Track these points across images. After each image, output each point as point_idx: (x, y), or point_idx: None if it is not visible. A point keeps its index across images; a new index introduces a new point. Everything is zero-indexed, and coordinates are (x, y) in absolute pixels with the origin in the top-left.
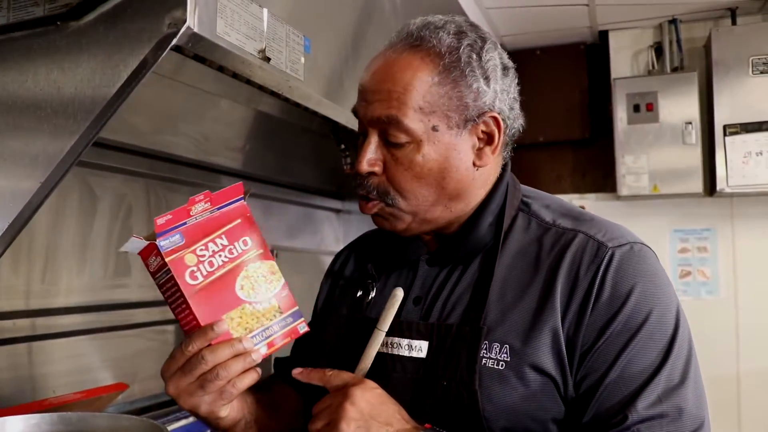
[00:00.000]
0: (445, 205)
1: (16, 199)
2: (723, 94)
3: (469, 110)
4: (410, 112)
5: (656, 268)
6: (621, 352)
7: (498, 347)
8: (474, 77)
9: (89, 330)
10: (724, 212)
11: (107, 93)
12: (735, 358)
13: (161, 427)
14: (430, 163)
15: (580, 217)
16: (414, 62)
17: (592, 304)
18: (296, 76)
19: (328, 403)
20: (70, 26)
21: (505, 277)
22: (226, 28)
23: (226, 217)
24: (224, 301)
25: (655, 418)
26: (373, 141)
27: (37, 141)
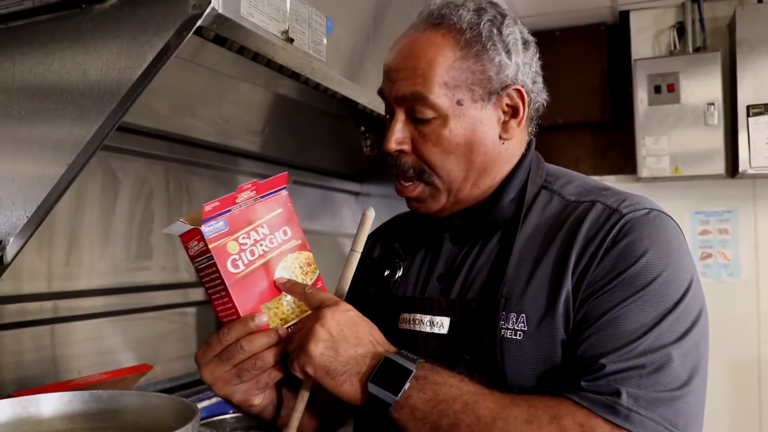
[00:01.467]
0: (474, 182)
1: (42, 182)
2: (747, 74)
3: (493, 83)
4: (435, 87)
5: (673, 234)
6: (618, 304)
7: (515, 317)
8: (495, 51)
9: (111, 312)
10: (746, 194)
11: (133, 75)
12: (756, 341)
13: (191, 405)
14: (458, 137)
15: (602, 191)
16: (436, 39)
17: (600, 258)
18: (319, 57)
19: (301, 325)
20: (94, 9)
21: (522, 251)
22: (250, 8)
23: (268, 206)
24: (263, 290)
25: (633, 369)
26: (400, 120)
27: (63, 124)
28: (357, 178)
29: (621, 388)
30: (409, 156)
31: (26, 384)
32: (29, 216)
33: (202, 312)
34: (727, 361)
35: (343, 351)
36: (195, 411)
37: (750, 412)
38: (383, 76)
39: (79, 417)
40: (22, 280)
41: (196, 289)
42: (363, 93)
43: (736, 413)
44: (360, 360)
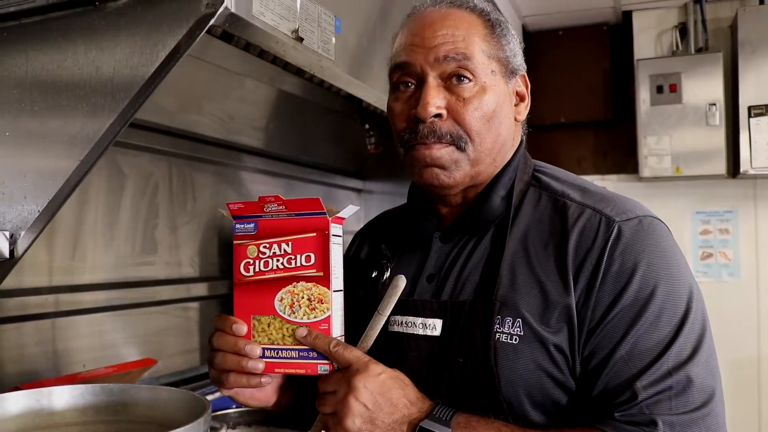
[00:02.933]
0: (493, 158)
1: (54, 177)
2: (748, 75)
3: (511, 64)
4: (476, 52)
5: (665, 242)
6: (630, 328)
7: (511, 321)
8: (512, 37)
9: (115, 306)
10: (747, 194)
11: (146, 72)
12: (756, 340)
13: (202, 399)
14: (492, 105)
15: (589, 190)
16: (465, 15)
17: (600, 279)
18: (327, 56)
19: (333, 388)
20: (108, 6)
21: (515, 252)
22: (261, 8)
23: (302, 226)
24: (259, 303)
25: (663, 392)
26: (435, 84)
27: (76, 120)
28: (359, 175)
29: (656, 417)
30: (445, 122)
31: (30, 377)
32: (41, 210)
33: (204, 307)
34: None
35: (380, 422)
36: (206, 405)
37: (750, 411)
38: (408, 48)
39: (91, 409)
40: (27, 274)
41: (199, 284)
42: (370, 91)
43: (737, 412)
44: (397, 428)
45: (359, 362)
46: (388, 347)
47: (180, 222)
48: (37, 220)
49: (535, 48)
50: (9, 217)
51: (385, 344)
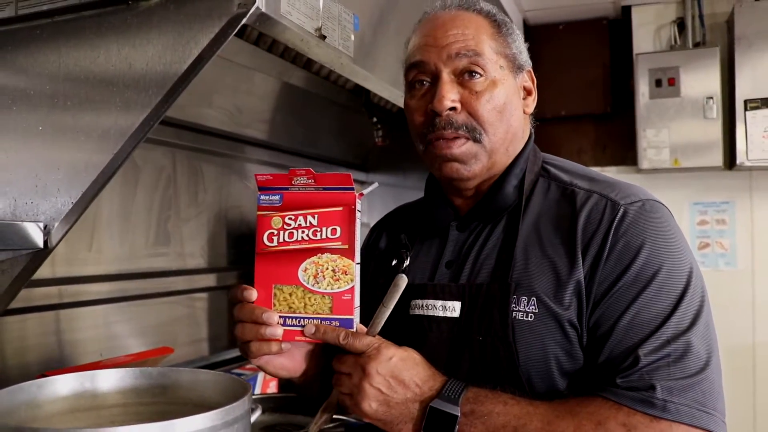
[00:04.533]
0: (506, 148)
1: (88, 170)
2: (744, 70)
3: (518, 61)
4: (486, 49)
5: (668, 223)
6: (633, 300)
7: (526, 300)
8: (518, 37)
9: (130, 297)
10: (743, 185)
11: (178, 69)
12: (751, 328)
13: (243, 381)
14: (502, 99)
15: (596, 178)
16: (474, 16)
17: (606, 255)
18: (347, 53)
19: (348, 371)
20: (140, 5)
21: (528, 237)
22: (288, 7)
23: (329, 200)
24: (282, 273)
25: (662, 359)
26: (449, 80)
27: (109, 115)
28: (363, 168)
29: (655, 383)
30: (460, 114)
31: (50, 366)
32: (74, 202)
33: (214, 297)
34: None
35: (394, 403)
36: (248, 387)
37: (745, 397)
38: (422, 48)
39: (131, 392)
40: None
41: (209, 275)
42: (384, 87)
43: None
44: (410, 406)
45: (370, 348)
46: (410, 329)
47: (191, 214)
48: (70, 212)
49: (535, 42)
50: (43, 209)
51: (408, 327)
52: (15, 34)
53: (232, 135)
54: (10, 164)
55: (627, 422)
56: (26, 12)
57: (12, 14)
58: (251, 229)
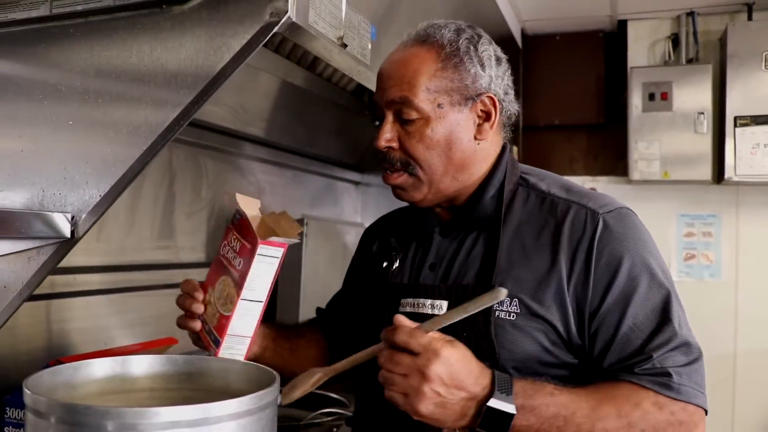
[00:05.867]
0: (453, 176)
1: (117, 164)
2: (735, 87)
3: (469, 90)
4: (419, 92)
5: (642, 227)
6: (629, 304)
7: (508, 301)
8: (471, 64)
9: (135, 288)
10: (729, 200)
11: (210, 72)
12: (733, 338)
13: (269, 371)
14: (438, 135)
15: (571, 188)
16: (421, 53)
17: (594, 264)
18: (365, 61)
19: (404, 371)
20: (174, 9)
21: (510, 243)
22: (315, 17)
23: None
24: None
25: (669, 349)
26: (389, 121)
27: (140, 112)
28: (358, 168)
29: (668, 369)
30: (396, 152)
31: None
32: (102, 195)
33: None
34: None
35: (451, 404)
36: (275, 376)
37: (724, 405)
38: (376, 85)
39: (159, 378)
40: None
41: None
42: None
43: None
44: (465, 404)
45: (429, 350)
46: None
47: (194, 209)
48: (97, 205)
49: (532, 51)
50: (70, 200)
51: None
52: (48, 32)
53: (235, 132)
54: (40, 156)
55: (657, 401)
56: (60, 11)
57: (46, 13)
58: None
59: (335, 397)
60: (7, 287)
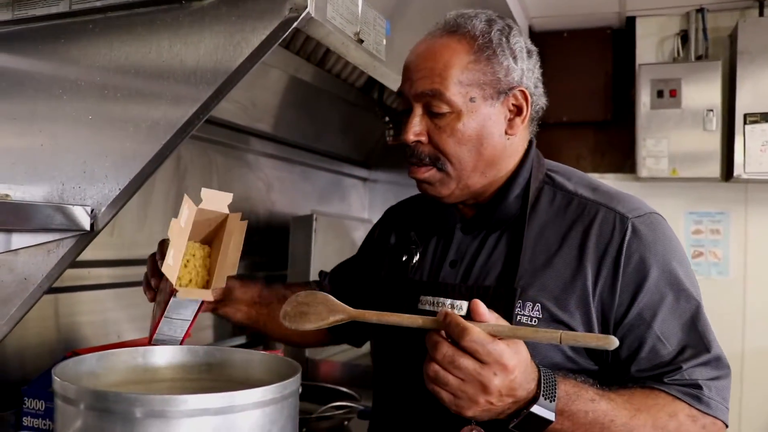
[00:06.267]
0: (482, 171)
1: (136, 159)
2: (745, 84)
3: (501, 84)
4: (451, 85)
5: (671, 235)
6: (657, 312)
7: (531, 305)
8: (504, 56)
9: None
10: (738, 197)
11: (229, 67)
12: (741, 336)
13: (292, 362)
14: (470, 130)
15: (598, 188)
16: (452, 44)
17: (622, 270)
18: (380, 56)
19: (462, 376)
20: (193, 5)
21: (535, 244)
22: (333, 13)
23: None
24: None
25: (700, 363)
26: (418, 114)
27: (159, 107)
28: (366, 165)
29: (699, 382)
30: (425, 146)
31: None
32: (121, 189)
33: None
34: None
35: (495, 409)
36: (297, 367)
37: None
38: (403, 76)
39: (179, 368)
40: None
41: None
42: None
43: None
44: (508, 407)
45: (498, 363)
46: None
47: None
48: (117, 198)
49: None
50: (90, 194)
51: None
52: (68, 28)
53: (245, 128)
54: (59, 151)
55: (691, 414)
56: (80, 7)
57: (66, 9)
58: (259, 221)
59: (345, 390)
60: (27, 279)
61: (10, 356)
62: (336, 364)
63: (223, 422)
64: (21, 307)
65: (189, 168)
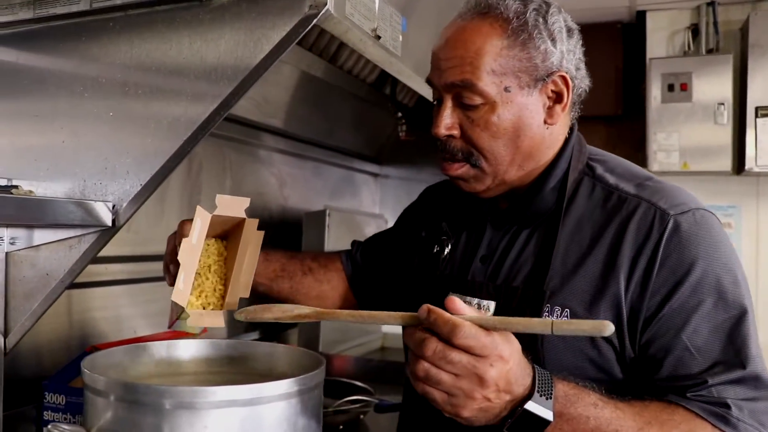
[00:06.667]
0: (519, 165)
1: (158, 155)
2: (757, 77)
3: (539, 70)
4: (483, 75)
5: (718, 234)
6: (689, 318)
7: (559, 311)
8: (541, 39)
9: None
10: (750, 191)
11: (249, 64)
12: None
13: (315, 355)
14: (505, 122)
15: (644, 182)
16: (483, 28)
17: (657, 270)
18: (396, 52)
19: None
20: (213, 2)
21: (568, 243)
22: (351, 9)
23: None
24: None
25: (730, 379)
26: (449, 106)
27: (179, 104)
28: (377, 160)
29: (727, 400)
30: (457, 140)
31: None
32: (142, 185)
33: None
34: None
35: (492, 408)
36: (321, 360)
37: None
38: (431, 65)
39: (203, 362)
40: None
41: None
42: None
43: None
44: (505, 406)
45: (494, 354)
46: None
47: None
48: (138, 194)
49: None
50: (111, 189)
51: None
52: (88, 26)
53: (258, 124)
54: (81, 147)
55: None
56: (100, 5)
57: (86, 7)
58: (273, 217)
59: (360, 385)
60: (49, 274)
61: (28, 351)
62: (349, 358)
63: (251, 413)
64: (43, 303)
65: (204, 164)
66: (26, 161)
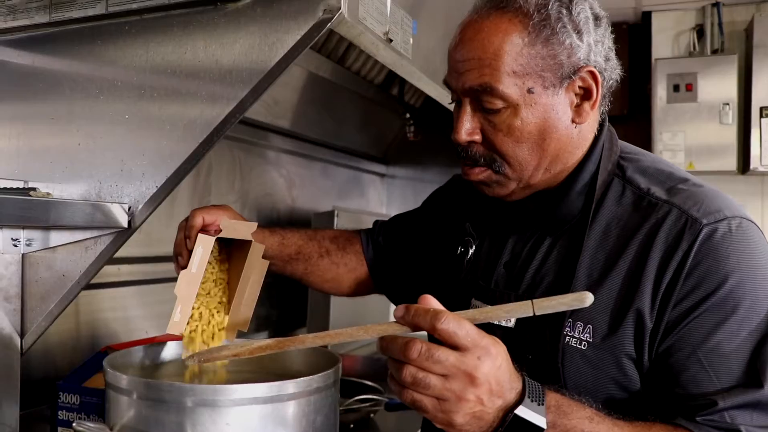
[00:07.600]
0: (546, 168)
1: (173, 157)
2: (761, 77)
3: (564, 68)
4: (504, 77)
5: (757, 246)
6: (710, 333)
7: (581, 326)
8: (566, 33)
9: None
10: (755, 190)
11: (264, 67)
12: None
13: (333, 353)
14: (530, 126)
15: (677, 186)
16: (502, 25)
17: (683, 280)
18: (407, 55)
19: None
20: (228, 6)
21: (594, 253)
22: (364, 13)
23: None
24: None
25: (744, 403)
26: (468, 110)
27: (195, 106)
28: (384, 161)
29: (741, 426)
30: (479, 146)
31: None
32: (158, 187)
33: None
34: None
35: (486, 416)
36: (337, 358)
37: None
38: (449, 66)
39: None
40: None
41: None
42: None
43: None
44: (497, 414)
45: (479, 346)
46: None
47: (228, 201)
48: (154, 196)
49: None
50: (127, 191)
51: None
52: (104, 29)
53: (267, 125)
54: (97, 149)
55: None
56: (116, 9)
57: (102, 11)
58: (281, 217)
59: (370, 384)
60: (65, 276)
61: (42, 352)
62: (359, 358)
63: (271, 411)
64: (59, 304)
65: (213, 165)
66: (42, 163)
